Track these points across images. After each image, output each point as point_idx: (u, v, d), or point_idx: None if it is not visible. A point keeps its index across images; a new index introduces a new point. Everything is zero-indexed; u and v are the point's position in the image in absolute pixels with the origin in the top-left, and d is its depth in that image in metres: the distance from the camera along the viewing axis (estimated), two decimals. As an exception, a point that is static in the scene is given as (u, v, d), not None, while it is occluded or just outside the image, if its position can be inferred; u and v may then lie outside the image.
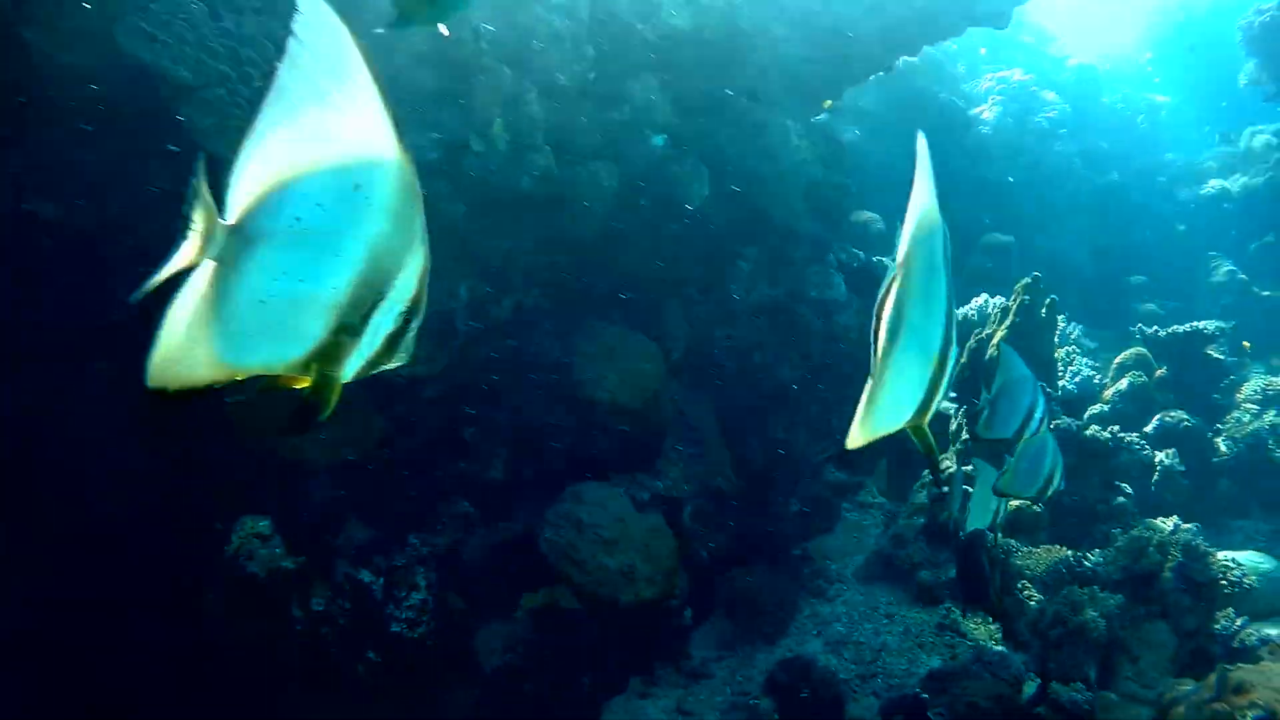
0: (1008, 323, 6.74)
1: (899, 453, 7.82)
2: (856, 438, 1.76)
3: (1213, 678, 3.33)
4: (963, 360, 7.11)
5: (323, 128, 1.46)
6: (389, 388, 4.97)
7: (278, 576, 4.72)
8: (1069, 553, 5.29)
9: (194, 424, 4.93)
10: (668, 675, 5.83)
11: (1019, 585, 5.78)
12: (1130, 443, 6.22)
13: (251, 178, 1.47)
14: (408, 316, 1.58)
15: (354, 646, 5.10)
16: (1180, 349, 7.10)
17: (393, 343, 1.60)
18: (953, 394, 7.21)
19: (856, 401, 5.72)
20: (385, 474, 5.27)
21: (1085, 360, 7.33)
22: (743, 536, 6.74)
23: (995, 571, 4.99)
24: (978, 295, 7.77)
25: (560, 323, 5.25)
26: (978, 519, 4.87)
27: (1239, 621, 4.74)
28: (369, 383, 4.97)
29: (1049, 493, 4.55)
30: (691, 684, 5.75)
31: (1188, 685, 3.49)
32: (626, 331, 5.19)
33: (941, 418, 7.34)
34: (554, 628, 5.24)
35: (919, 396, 1.77)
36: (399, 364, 1.66)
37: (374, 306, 1.53)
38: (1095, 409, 6.98)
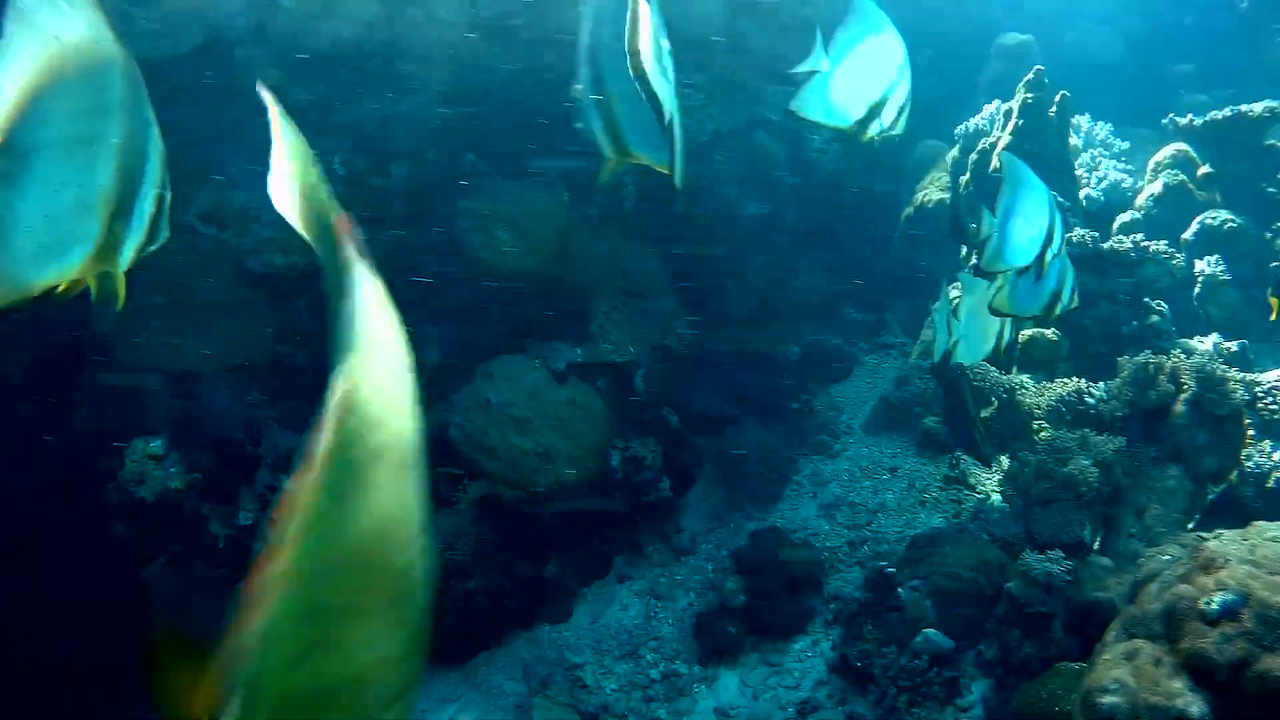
0: (1011, 127, 5.59)
1: (918, 286, 6.81)
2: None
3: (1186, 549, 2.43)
4: (965, 177, 6.00)
5: (51, 35, 1.43)
6: (273, 285, 4.24)
7: (171, 497, 4.13)
8: (1076, 386, 4.31)
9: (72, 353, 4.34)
10: (656, 553, 5.14)
11: (1034, 426, 4.83)
12: (1157, 252, 5.09)
13: None
14: (161, 197, 1.65)
15: (290, 557, 4.53)
16: (1224, 138, 5.81)
17: (155, 223, 1.66)
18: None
19: (838, 236, 4.59)
20: (299, 374, 4.59)
21: (1114, 163, 6.11)
22: (737, 393, 5.94)
23: (978, 411, 4.06)
24: (990, 102, 6.55)
25: (463, 188, 4.39)
26: (972, 348, 3.90)
27: (1277, 457, 3.73)
28: (249, 281, 4.19)
29: (1058, 310, 3.59)
30: (671, 562, 5.05)
31: (1168, 553, 2.58)
32: (525, 187, 4.29)
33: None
34: (497, 516, 4.56)
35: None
36: (163, 242, 1.70)
37: (135, 195, 1.59)
38: (1125, 218, 5.80)
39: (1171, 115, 6.01)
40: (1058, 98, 5.62)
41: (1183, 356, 3.80)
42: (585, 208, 5.13)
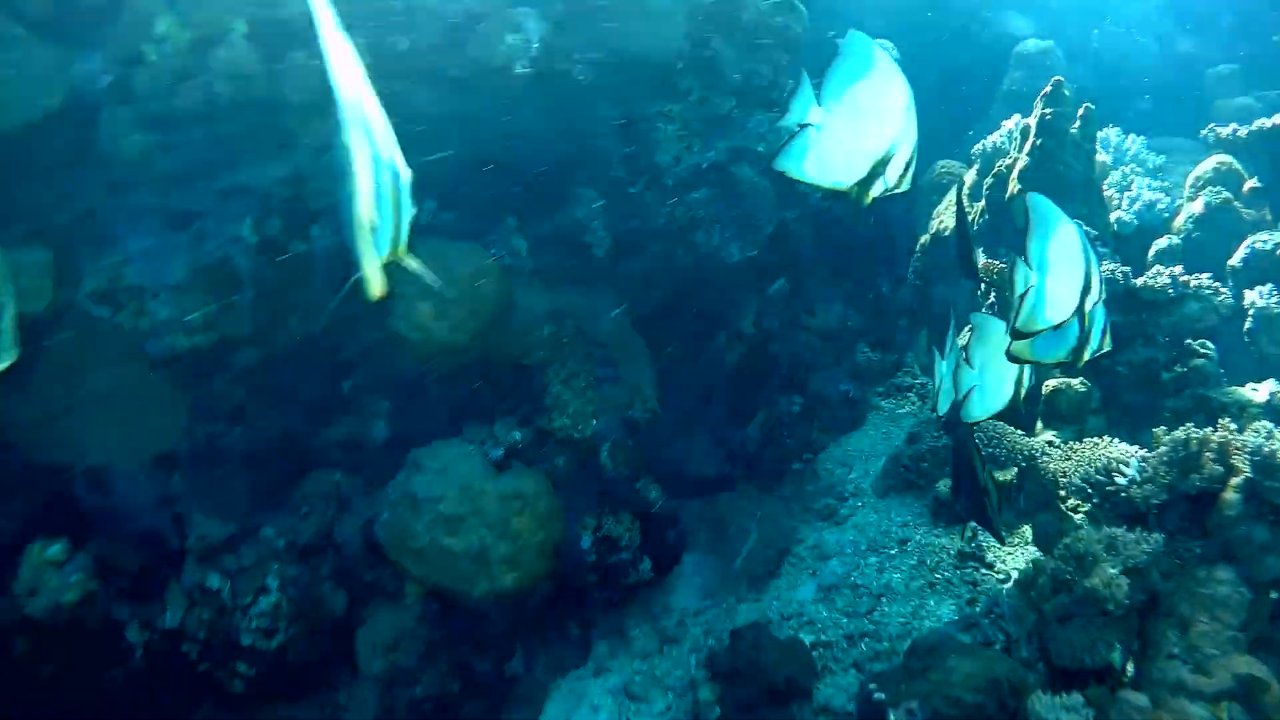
0: (1028, 148, 4.84)
1: (938, 320, 6.07)
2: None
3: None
4: (980, 204, 5.26)
5: None
6: (181, 367, 3.66)
7: (66, 610, 3.56)
8: (1105, 458, 3.56)
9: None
10: (640, 637, 4.49)
11: (1059, 496, 4.09)
12: (1200, 287, 4.31)
13: None
14: None
15: (222, 661, 3.96)
16: (1274, 147, 5.00)
17: None
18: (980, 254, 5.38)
19: (845, 271, 3.90)
20: (225, 456, 4.02)
21: (1148, 181, 5.33)
22: (734, 452, 5.26)
23: (989, 479, 3.35)
24: (1009, 117, 5.80)
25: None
26: (987, 401, 3.18)
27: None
28: (153, 364, 3.66)
29: (1087, 354, 2.90)
30: (654, 653, 4.39)
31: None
32: (449, 247, 3.67)
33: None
34: (447, 613, 3.94)
35: None
36: (12, 361, 1.62)
37: None
38: (1163, 243, 5.02)
39: (1212, 124, 5.22)
40: (1081, 111, 4.87)
41: (1232, 430, 3.05)
42: (547, 256, 4.51)
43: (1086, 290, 2.73)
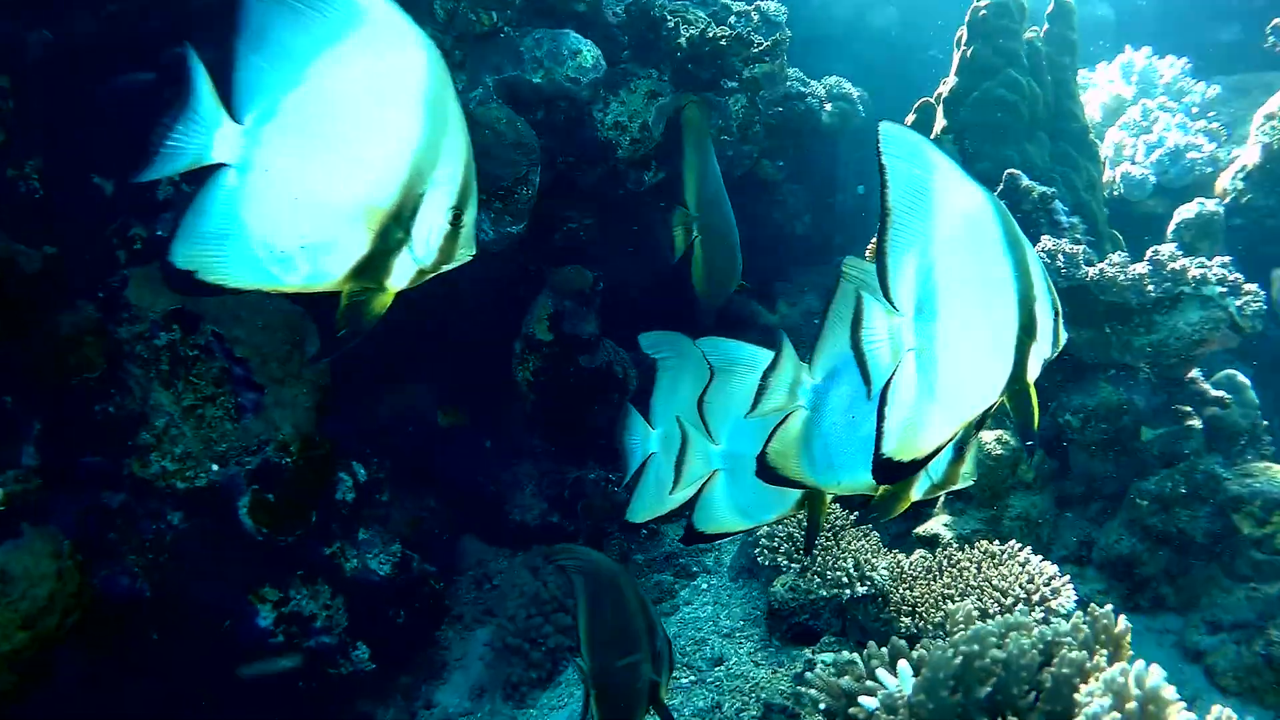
0: (957, 63, 2.85)
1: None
2: None
3: None
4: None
5: None
6: None
7: None
8: (1011, 572, 1.69)
9: None
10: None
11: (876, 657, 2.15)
12: (1202, 279, 2.23)
13: None
14: None
15: None
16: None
17: None
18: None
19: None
20: None
21: (1179, 120, 3.17)
22: (559, 499, 3.56)
23: (584, 675, 1.58)
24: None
25: None
26: (741, 499, 1.41)
27: None
28: None
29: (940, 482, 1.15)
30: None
31: None
32: None
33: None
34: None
35: None
36: None
37: None
38: (1189, 212, 2.87)
39: (1276, 21, 3.02)
40: (1050, 9, 2.83)
41: (1073, 628, 1.13)
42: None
43: (1027, 337, 0.99)
